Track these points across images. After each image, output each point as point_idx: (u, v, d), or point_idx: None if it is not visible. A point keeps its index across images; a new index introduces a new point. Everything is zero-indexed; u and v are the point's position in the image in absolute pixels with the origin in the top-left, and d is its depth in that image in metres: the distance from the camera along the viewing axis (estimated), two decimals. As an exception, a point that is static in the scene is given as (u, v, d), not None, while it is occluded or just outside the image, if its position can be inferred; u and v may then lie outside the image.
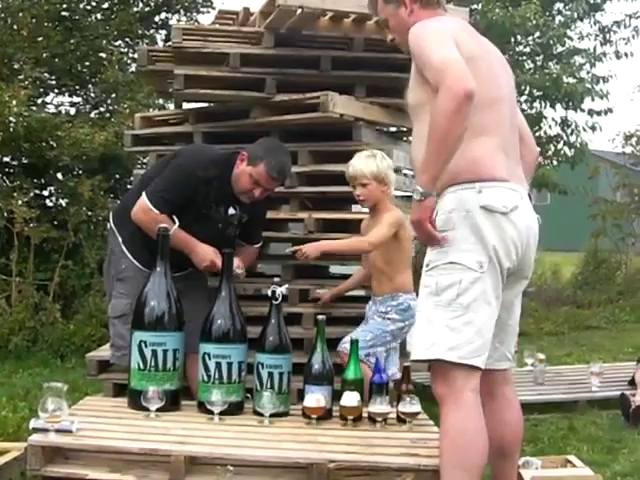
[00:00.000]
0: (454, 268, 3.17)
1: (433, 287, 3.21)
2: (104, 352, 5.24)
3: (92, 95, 11.24)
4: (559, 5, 14.15)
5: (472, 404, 3.17)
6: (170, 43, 5.69)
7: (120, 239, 4.83)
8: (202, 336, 4.37)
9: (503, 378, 3.55)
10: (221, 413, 4.15)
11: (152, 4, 11.62)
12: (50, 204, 9.80)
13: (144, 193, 4.62)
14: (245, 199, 4.71)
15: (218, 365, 4.31)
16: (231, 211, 4.76)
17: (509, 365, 3.63)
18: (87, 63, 10.85)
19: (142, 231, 4.63)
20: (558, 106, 13.58)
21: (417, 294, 4.63)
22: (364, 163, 4.69)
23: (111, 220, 5.01)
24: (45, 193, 9.84)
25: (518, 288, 3.46)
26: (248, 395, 4.41)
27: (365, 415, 4.15)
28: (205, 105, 6.03)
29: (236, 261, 4.60)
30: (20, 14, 10.20)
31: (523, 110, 13.59)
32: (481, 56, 3.36)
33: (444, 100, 3.01)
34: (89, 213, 9.12)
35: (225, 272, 4.47)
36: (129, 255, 4.79)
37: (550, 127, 14.05)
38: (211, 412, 4.15)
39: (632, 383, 6.12)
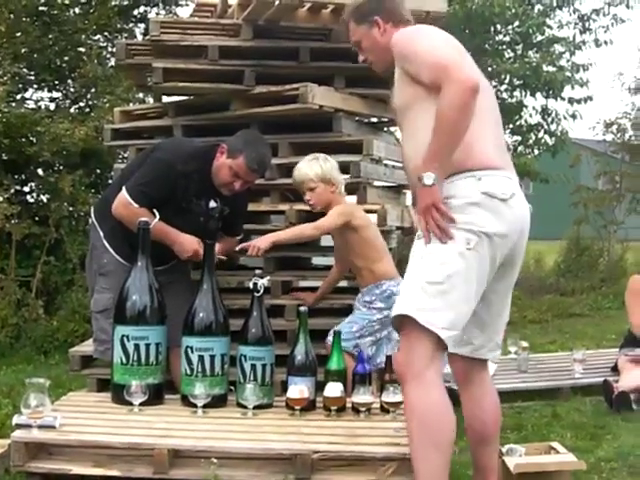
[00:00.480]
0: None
1: (420, 253, 3.22)
2: (87, 347, 5.24)
3: (71, 90, 11.17)
4: (538, -7, 14.18)
5: (435, 382, 3.15)
6: (149, 37, 5.68)
7: (101, 233, 4.82)
8: (184, 329, 4.37)
9: (482, 365, 3.57)
10: (204, 406, 4.16)
11: (130, -3, 11.60)
12: (31, 200, 9.74)
13: (124, 187, 4.61)
14: (225, 192, 4.70)
15: (201, 358, 4.31)
16: (212, 204, 4.75)
17: (498, 353, 3.66)
18: (66, 58, 10.77)
19: (123, 225, 4.63)
20: (538, 95, 13.60)
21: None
22: (308, 166, 4.75)
23: (92, 215, 5.00)
24: (26, 189, 9.77)
25: (511, 277, 3.46)
26: (231, 387, 4.41)
27: (349, 405, 4.16)
28: (184, 98, 6.01)
29: (216, 248, 4.59)
30: (-3, 9, 10.15)
31: (503, 99, 13.64)
32: (464, 50, 3.45)
33: (453, 94, 3.08)
34: (70, 208, 9.07)
35: (206, 265, 4.47)
36: (110, 249, 4.78)
37: (530, 116, 14.09)
38: (194, 405, 4.16)
39: (615, 369, 6.15)
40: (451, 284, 3.14)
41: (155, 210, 4.58)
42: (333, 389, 4.13)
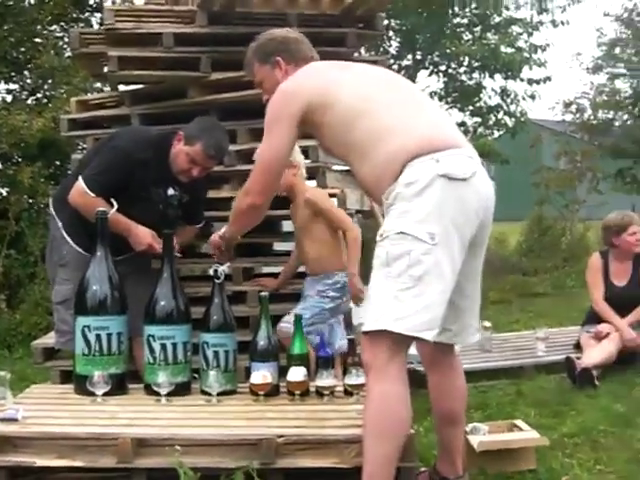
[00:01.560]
0: (404, 238, 3.09)
1: (384, 257, 3.13)
2: (49, 339, 5.21)
3: (28, 81, 11.09)
4: (494, -25, 14.23)
5: (398, 374, 3.13)
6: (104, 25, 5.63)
7: (60, 224, 4.79)
8: (146, 318, 4.34)
9: (450, 348, 3.57)
10: (168, 394, 4.13)
11: (86, -14, 11.51)
12: (-10, 193, 9.69)
13: (80, 176, 4.58)
14: (184, 179, 4.68)
15: (163, 346, 4.28)
16: (170, 192, 4.73)
17: (478, 337, 3.69)
18: (22, 49, 10.69)
19: (81, 215, 4.59)
20: (497, 76, 13.70)
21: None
22: None
23: (51, 205, 4.97)
24: (-16, 182, 9.72)
25: (480, 257, 3.42)
26: (195, 375, 4.40)
27: (312, 389, 4.16)
28: (141, 87, 5.97)
29: (174, 239, 4.57)
30: (-49, 2, 10.05)
31: (462, 81, 13.70)
32: (355, 74, 3.52)
33: (240, 201, 3.73)
34: (30, 201, 9.05)
35: (166, 253, 4.44)
36: (69, 240, 4.74)
37: (490, 97, 14.20)
38: (158, 394, 4.13)
39: (577, 347, 6.22)
40: (424, 285, 3.07)
41: (113, 200, 4.55)
42: (296, 373, 4.12)
